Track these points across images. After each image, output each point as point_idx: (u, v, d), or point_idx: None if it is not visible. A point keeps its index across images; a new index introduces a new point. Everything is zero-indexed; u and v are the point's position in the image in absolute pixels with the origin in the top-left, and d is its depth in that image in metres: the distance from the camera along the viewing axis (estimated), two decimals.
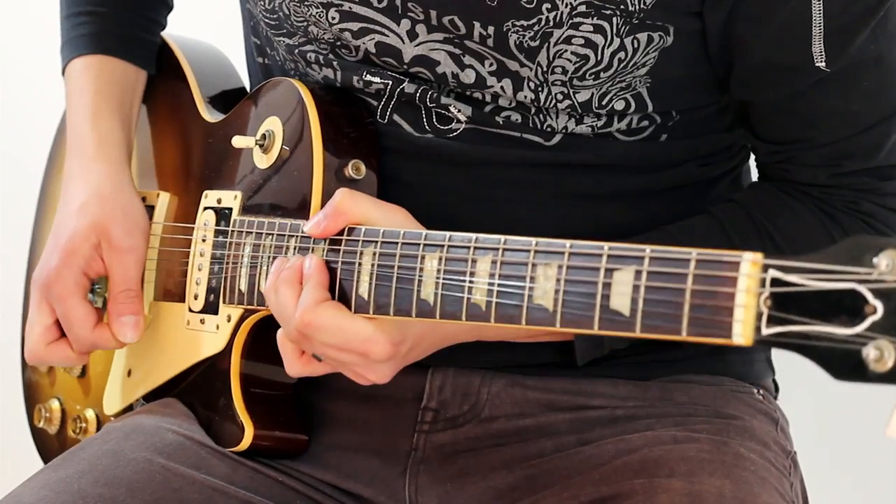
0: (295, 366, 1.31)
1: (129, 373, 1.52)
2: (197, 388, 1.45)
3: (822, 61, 1.31)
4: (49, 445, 1.62)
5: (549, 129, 1.37)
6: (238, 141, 1.41)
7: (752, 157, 1.47)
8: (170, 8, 1.64)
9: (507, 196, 1.38)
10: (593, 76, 1.33)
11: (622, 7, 1.30)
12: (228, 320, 1.40)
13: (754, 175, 1.48)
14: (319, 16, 1.38)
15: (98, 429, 1.55)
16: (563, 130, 1.37)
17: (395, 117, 1.39)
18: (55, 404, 1.62)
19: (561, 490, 1.34)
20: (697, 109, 1.41)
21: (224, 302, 1.40)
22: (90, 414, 1.57)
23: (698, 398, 1.42)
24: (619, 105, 1.36)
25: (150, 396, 1.50)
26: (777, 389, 1.53)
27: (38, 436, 1.64)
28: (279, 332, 1.30)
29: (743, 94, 1.38)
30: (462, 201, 1.38)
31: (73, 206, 1.49)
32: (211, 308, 1.42)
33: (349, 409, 1.43)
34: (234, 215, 1.41)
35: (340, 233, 1.28)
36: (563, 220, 1.38)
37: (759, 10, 1.31)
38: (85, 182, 1.50)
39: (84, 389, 1.59)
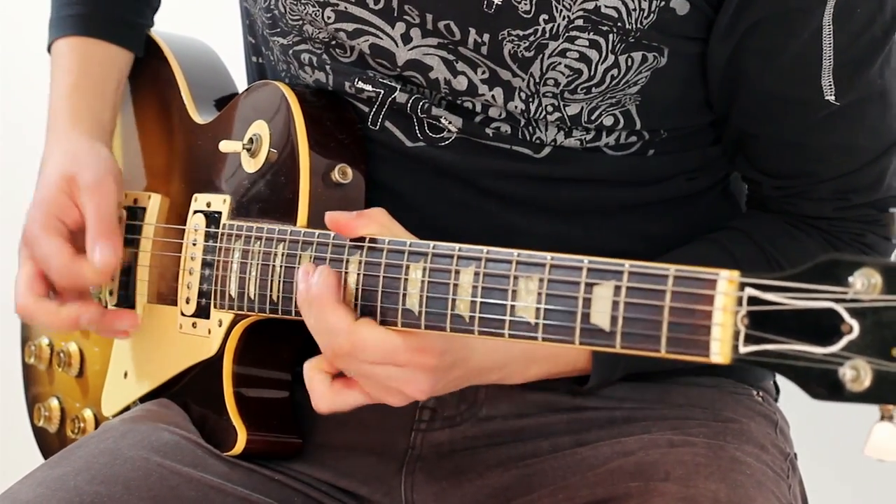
0: (325, 399, 1.26)
1: (126, 375, 1.52)
2: (191, 391, 1.45)
3: (831, 95, 1.31)
4: (50, 444, 1.63)
5: (538, 142, 1.36)
6: (225, 146, 1.41)
7: (751, 188, 1.46)
8: None
9: (498, 207, 1.38)
10: (585, 90, 1.32)
11: (619, 24, 1.29)
12: (220, 325, 1.40)
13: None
14: (315, 14, 1.37)
15: (96, 429, 1.56)
16: (552, 143, 1.36)
17: (388, 125, 1.38)
18: (54, 403, 1.63)
19: (556, 491, 1.34)
20: (686, 127, 1.40)
21: (215, 307, 1.40)
22: (88, 414, 1.58)
23: (696, 400, 1.42)
24: (608, 121, 1.35)
25: (147, 398, 1.50)
26: (778, 391, 1.52)
27: (39, 435, 1.65)
28: (308, 364, 1.27)
29: (747, 126, 1.37)
30: (453, 211, 1.38)
31: (47, 170, 1.48)
32: (202, 312, 1.42)
33: None
34: (224, 219, 1.41)
35: (326, 239, 1.28)
36: (554, 231, 1.38)
37: (770, 45, 1.30)
38: (61, 152, 1.48)
39: (82, 389, 1.60)
